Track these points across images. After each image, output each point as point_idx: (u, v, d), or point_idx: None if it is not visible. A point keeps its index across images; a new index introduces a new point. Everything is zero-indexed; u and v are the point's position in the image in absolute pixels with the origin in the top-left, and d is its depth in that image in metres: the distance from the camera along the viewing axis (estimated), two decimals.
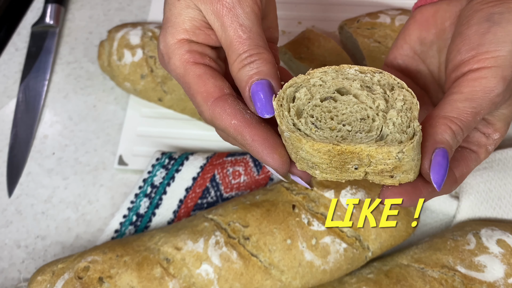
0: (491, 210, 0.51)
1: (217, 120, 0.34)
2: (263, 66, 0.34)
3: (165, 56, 0.37)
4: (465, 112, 0.34)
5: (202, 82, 0.35)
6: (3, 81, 0.68)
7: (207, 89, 0.35)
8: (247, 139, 0.33)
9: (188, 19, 0.36)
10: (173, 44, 0.36)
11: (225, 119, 0.34)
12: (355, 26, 0.60)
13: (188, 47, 0.36)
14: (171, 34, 0.36)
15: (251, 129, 0.33)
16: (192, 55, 0.36)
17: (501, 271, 0.45)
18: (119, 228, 0.54)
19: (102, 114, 0.64)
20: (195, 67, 0.36)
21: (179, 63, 0.36)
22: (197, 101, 0.35)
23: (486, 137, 0.39)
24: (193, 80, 0.35)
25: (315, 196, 0.48)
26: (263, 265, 0.45)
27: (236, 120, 0.34)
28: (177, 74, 0.36)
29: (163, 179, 0.55)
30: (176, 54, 0.36)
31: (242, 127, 0.34)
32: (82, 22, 0.72)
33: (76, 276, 0.46)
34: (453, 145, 0.33)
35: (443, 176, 0.33)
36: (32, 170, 0.61)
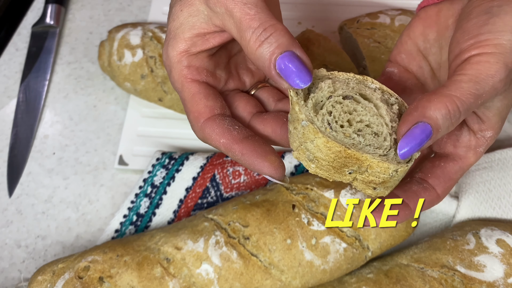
0: (491, 210, 0.51)
1: (208, 139, 0.36)
2: (281, 38, 0.32)
3: (167, 68, 0.38)
4: (469, 92, 0.32)
5: (195, 102, 0.36)
6: (4, 81, 0.68)
7: (199, 109, 0.36)
8: (237, 155, 0.34)
9: (188, 28, 0.36)
10: (174, 57, 0.37)
11: (214, 138, 0.35)
12: (355, 26, 0.60)
13: (187, 62, 0.36)
14: (172, 47, 0.36)
15: (238, 145, 0.34)
16: (190, 71, 0.36)
17: (501, 271, 0.45)
18: (119, 228, 0.54)
19: (103, 114, 0.64)
20: (190, 85, 0.36)
21: (177, 78, 0.37)
22: (190, 119, 0.37)
23: (477, 138, 0.38)
24: (187, 98, 0.36)
25: (315, 196, 0.48)
26: (263, 265, 0.45)
27: (225, 139, 0.35)
28: (176, 87, 0.38)
29: (163, 179, 0.55)
30: (175, 69, 0.37)
31: (230, 144, 0.35)
32: (82, 22, 0.72)
33: (77, 275, 0.46)
34: (443, 126, 0.32)
35: (411, 149, 0.32)
36: (32, 170, 0.61)
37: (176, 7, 0.36)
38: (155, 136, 0.61)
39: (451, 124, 0.32)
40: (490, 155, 0.53)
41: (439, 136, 0.32)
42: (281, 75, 0.32)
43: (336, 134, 0.32)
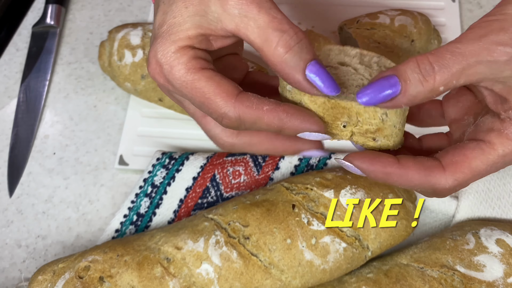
0: (490, 209, 0.51)
1: (247, 113, 0.33)
2: (310, 46, 0.32)
3: (164, 65, 0.34)
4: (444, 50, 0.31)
5: (217, 83, 0.33)
6: (4, 81, 0.68)
7: (225, 88, 0.33)
8: (284, 117, 0.33)
9: (194, 26, 0.33)
10: (175, 51, 0.34)
11: (256, 108, 0.33)
12: (354, 26, 0.60)
13: (193, 52, 0.34)
14: (173, 42, 0.34)
15: (283, 107, 0.33)
16: (199, 62, 0.34)
17: (500, 271, 0.45)
18: (119, 228, 0.54)
19: (103, 114, 0.64)
20: (204, 72, 0.34)
21: (184, 71, 0.33)
22: (216, 103, 0.33)
23: (501, 119, 0.33)
24: (206, 83, 0.33)
25: (314, 196, 0.48)
26: (263, 265, 0.45)
27: (267, 106, 0.33)
28: (181, 82, 0.34)
29: (163, 179, 0.55)
30: (179, 63, 0.33)
31: (275, 109, 0.33)
32: (82, 23, 0.72)
33: (77, 275, 0.46)
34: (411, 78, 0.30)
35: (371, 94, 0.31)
36: (32, 170, 0.61)
37: (178, 4, 0.34)
38: (155, 136, 0.61)
39: (423, 78, 0.30)
40: None
41: (414, 91, 0.31)
42: (312, 81, 0.32)
43: None
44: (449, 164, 0.34)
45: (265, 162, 0.55)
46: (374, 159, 0.34)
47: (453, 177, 0.34)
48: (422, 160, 0.34)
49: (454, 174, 0.34)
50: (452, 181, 0.34)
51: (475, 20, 0.71)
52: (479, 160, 0.33)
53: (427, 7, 0.68)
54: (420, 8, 0.67)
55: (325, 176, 0.49)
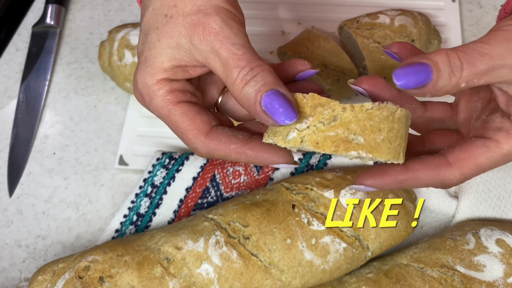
0: (491, 210, 0.51)
1: (215, 151, 0.36)
2: (267, 77, 0.33)
3: (145, 96, 0.36)
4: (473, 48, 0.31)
5: (190, 120, 0.36)
6: (4, 81, 0.68)
7: (197, 125, 0.36)
8: (250, 155, 0.35)
9: (167, 59, 0.35)
10: (153, 85, 0.36)
11: (223, 148, 0.35)
12: (354, 26, 0.60)
13: (169, 87, 0.36)
14: (150, 75, 0.36)
15: (250, 145, 0.35)
16: (175, 95, 0.36)
17: (500, 271, 0.45)
18: (119, 228, 0.54)
19: (103, 114, 0.64)
20: (178, 106, 0.36)
21: (161, 104, 0.36)
22: (188, 138, 0.36)
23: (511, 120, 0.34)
24: (180, 119, 0.36)
25: (315, 196, 0.48)
26: (263, 265, 0.45)
27: (234, 144, 0.35)
28: (160, 113, 0.37)
29: (163, 179, 0.55)
30: (157, 96, 0.36)
31: (241, 147, 0.35)
32: (82, 23, 0.72)
33: (77, 275, 0.46)
34: (443, 69, 0.31)
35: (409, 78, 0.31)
36: (32, 170, 0.61)
37: (152, 35, 0.36)
38: (155, 136, 0.61)
39: (451, 72, 0.31)
40: None
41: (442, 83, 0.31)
42: (267, 112, 0.33)
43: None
44: (456, 160, 0.35)
45: None
46: (383, 174, 0.35)
47: (460, 172, 0.35)
48: (428, 160, 0.35)
49: (461, 169, 0.35)
50: (459, 176, 0.35)
51: (475, 20, 0.71)
52: (485, 158, 0.34)
53: (427, 7, 0.68)
54: (420, 8, 0.67)
55: (325, 176, 0.49)
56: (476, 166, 0.35)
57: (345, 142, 0.33)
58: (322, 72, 0.58)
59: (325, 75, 0.58)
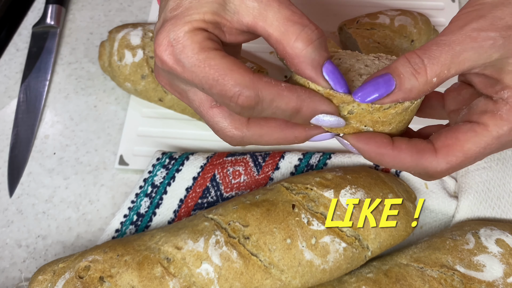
0: (490, 209, 0.51)
1: (266, 90, 0.31)
2: (327, 44, 0.33)
3: (177, 45, 0.31)
4: (432, 43, 0.32)
5: (233, 61, 0.31)
6: (4, 82, 0.68)
7: (242, 65, 0.31)
8: (302, 95, 0.32)
9: (210, 12, 0.32)
10: (189, 31, 0.31)
11: (274, 84, 0.31)
12: (354, 26, 0.60)
13: (207, 35, 0.32)
14: (187, 22, 0.31)
15: (300, 87, 0.32)
16: (213, 43, 0.32)
17: (500, 271, 0.45)
18: (119, 228, 0.54)
19: (103, 114, 0.64)
20: (218, 52, 0.32)
21: (198, 49, 0.31)
22: (234, 78, 0.31)
23: (494, 101, 0.33)
24: (222, 60, 0.31)
25: (314, 196, 0.48)
26: (263, 265, 0.45)
27: (285, 84, 0.32)
28: (195, 61, 0.31)
29: (163, 179, 0.55)
30: (194, 41, 0.31)
31: (293, 87, 0.32)
32: (83, 23, 0.72)
33: (77, 275, 0.46)
34: (404, 72, 0.31)
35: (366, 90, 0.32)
36: (33, 170, 0.61)
37: None
38: (155, 136, 0.61)
39: (414, 71, 0.31)
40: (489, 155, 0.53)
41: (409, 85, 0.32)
42: (328, 77, 0.32)
43: None
44: (441, 147, 0.34)
45: (265, 162, 0.56)
46: (369, 138, 0.35)
47: (445, 160, 0.34)
48: (415, 143, 0.35)
49: (446, 157, 0.34)
50: (445, 164, 0.34)
51: None
52: (472, 143, 0.33)
53: (427, 7, 0.68)
54: (420, 8, 0.67)
55: (325, 176, 0.50)
56: (463, 153, 0.33)
57: (355, 129, 0.35)
58: None
59: None
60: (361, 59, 0.37)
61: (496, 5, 0.32)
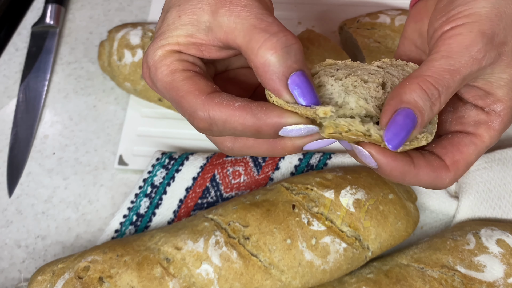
0: (491, 210, 0.51)
1: (216, 111, 0.31)
2: (300, 53, 0.31)
3: (151, 67, 0.34)
4: (441, 69, 0.31)
5: (192, 82, 0.32)
6: (4, 81, 0.68)
7: (199, 87, 0.32)
8: (258, 112, 0.30)
9: (184, 35, 0.33)
10: (162, 54, 0.33)
11: (226, 105, 0.31)
12: (355, 26, 0.60)
13: (178, 56, 0.33)
14: (162, 46, 0.34)
15: (258, 103, 0.31)
16: (182, 63, 0.33)
17: (501, 271, 0.45)
18: (119, 228, 0.54)
19: (103, 114, 0.64)
20: (184, 72, 0.33)
21: (166, 72, 0.33)
22: (188, 100, 0.32)
23: (486, 112, 0.34)
24: (181, 82, 0.32)
25: (315, 196, 0.48)
26: (263, 265, 0.45)
27: (240, 102, 0.31)
28: (163, 83, 0.33)
29: (163, 179, 0.55)
30: (164, 64, 0.33)
31: (248, 104, 0.31)
32: (82, 22, 0.72)
33: (76, 276, 0.46)
34: (424, 107, 0.30)
35: (400, 138, 0.30)
36: (32, 170, 0.61)
37: (172, 12, 0.34)
38: (155, 136, 0.61)
39: (432, 104, 0.31)
40: (490, 155, 0.53)
41: (427, 119, 0.31)
42: (291, 90, 0.30)
43: None
44: (452, 163, 0.34)
45: (265, 162, 0.55)
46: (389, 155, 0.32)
47: (456, 175, 0.34)
48: (430, 160, 0.34)
49: (457, 171, 0.34)
50: (454, 178, 0.34)
51: None
52: (473, 155, 0.35)
53: None
54: None
55: (325, 176, 0.49)
56: (467, 165, 0.35)
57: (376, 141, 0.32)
58: None
59: None
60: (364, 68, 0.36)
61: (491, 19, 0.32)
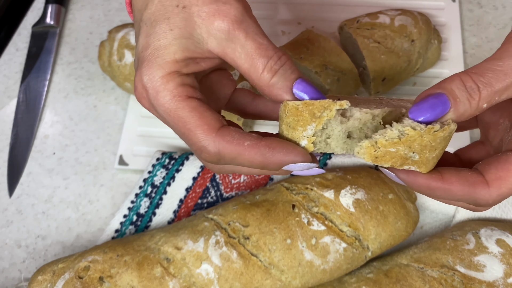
0: (491, 210, 0.51)
1: (227, 148, 0.33)
2: (293, 65, 0.34)
3: (150, 91, 0.33)
4: (486, 68, 0.31)
5: (200, 115, 0.33)
6: (4, 81, 0.68)
7: (207, 121, 0.33)
8: (266, 152, 0.32)
9: (180, 50, 0.33)
10: (162, 77, 0.33)
11: (236, 144, 0.33)
12: (354, 26, 0.60)
13: (180, 80, 0.33)
14: (160, 67, 0.33)
15: (265, 142, 0.33)
16: (185, 89, 0.33)
17: (501, 271, 0.45)
18: (119, 228, 0.54)
19: (103, 114, 0.64)
20: (188, 101, 0.33)
21: (169, 98, 0.33)
22: (197, 136, 0.33)
23: None
24: (189, 114, 0.33)
25: (315, 196, 0.48)
26: (263, 265, 0.45)
27: (249, 141, 0.33)
28: (166, 110, 0.33)
29: (163, 179, 0.55)
30: (166, 89, 0.33)
31: (257, 144, 0.32)
32: (82, 22, 0.72)
33: (77, 275, 0.46)
34: (460, 96, 0.30)
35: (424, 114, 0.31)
36: (32, 170, 0.61)
37: (162, 26, 0.33)
38: (155, 136, 0.61)
39: (469, 95, 0.31)
40: None
41: (463, 109, 0.31)
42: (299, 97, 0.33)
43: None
44: (494, 179, 0.33)
45: None
46: (417, 174, 0.33)
47: (498, 192, 0.33)
48: (465, 175, 0.34)
49: (499, 189, 0.33)
50: (496, 196, 0.34)
51: (475, 19, 0.71)
52: None
53: (427, 7, 0.68)
54: (420, 8, 0.67)
55: (325, 176, 0.49)
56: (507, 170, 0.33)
57: (402, 158, 0.32)
58: (322, 72, 0.58)
59: (325, 75, 0.58)
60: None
61: None
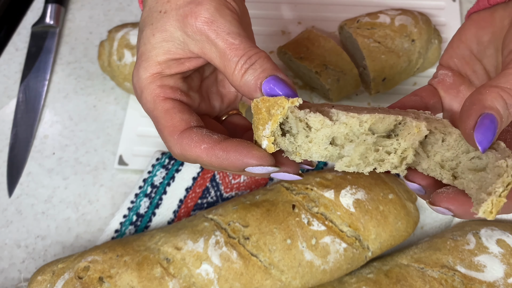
0: None
1: (187, 151, 0.34)
2: (265, 64, 0.34)
3: (137, 90, 0.37)
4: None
5: (169, 117, 0.35)
6: (3, 81, 0.68)
7: (174, 123, 0.35)
8: (221, 155, 0.33)
9: (162, 52, 0.36)
10: (146, 78, 0.36)
11: (194, 146, 0.34)
12: (355, 26, 0.60)
13: (160, 82, 0.36)
14: (144, 68, 0.36)
15: (221, 145, 0.33)
16: (163, 90, 0.36)
17: (501, 271, 0.45)
18: (119, 228, 0.54)
19: (102, 114, 0.64)
20: (164, 102, 0.36)
21: (149, 98, 0.36)
22: (164, 135, 0.36)
23: None
24: (161, 114, 0.36)
25: (315, 196, 0.48)
26: (263, 265, 0.45)
27: (205, 144, 0.34)
28: (147, 108, 0.37)
29: (163, 179, 0.55)
30: (147, 89, 0.36)
31: (212, 147, 0.33)
32: (82, 22, 0.72)
33: (76, 276, 0.46)
34: (504, 116, 0.31)
35: (489, 139, 0.30)
36: (32, 170, 0.61)
37: (146, 31, 0.36)
38: (155, 136, 0.61)
39: (509, 114, 0.31)
40: None
41: (503, 127, 0.31)
42: (267, 93, 0.33)
43: None
44: None
45: None
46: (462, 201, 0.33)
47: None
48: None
49: None
50: None
51: None
52: None
53: (428, 7, 0.68)
54: (421, 8, 0.67)
55: (325, 176, 0.49)
56: None
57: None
58: (322, 71, 0.58)
59: (325, 74, 0.58)
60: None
61: None
